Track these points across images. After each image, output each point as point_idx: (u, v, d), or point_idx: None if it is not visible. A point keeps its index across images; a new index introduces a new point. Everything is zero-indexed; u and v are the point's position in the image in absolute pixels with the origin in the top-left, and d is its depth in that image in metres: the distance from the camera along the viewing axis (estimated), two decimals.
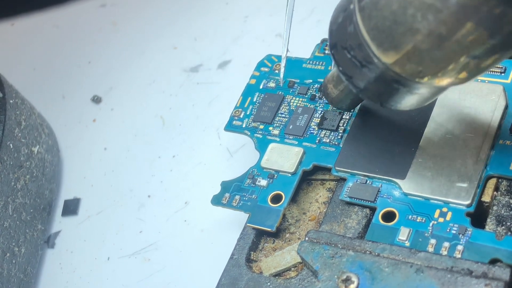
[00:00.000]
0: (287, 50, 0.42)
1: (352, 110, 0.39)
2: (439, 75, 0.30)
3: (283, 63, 0.42)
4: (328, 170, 0.38)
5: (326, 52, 0.42)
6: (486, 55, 0.28)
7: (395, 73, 0.30)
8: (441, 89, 0.32)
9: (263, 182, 0.39)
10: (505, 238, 0.33)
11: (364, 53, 0.31)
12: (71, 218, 0.47)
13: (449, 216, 0.34)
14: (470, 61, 0.29)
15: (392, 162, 0.36)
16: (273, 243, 0.38)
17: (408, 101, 0.32)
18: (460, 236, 0.33)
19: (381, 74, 0.31)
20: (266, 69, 0.43)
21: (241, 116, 0.42)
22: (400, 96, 0.32)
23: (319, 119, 0.40)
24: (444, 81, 0.30)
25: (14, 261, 0.43)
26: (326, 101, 0.39)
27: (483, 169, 0.35)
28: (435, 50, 0.28)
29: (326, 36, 0.34)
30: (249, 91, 0.43)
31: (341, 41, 0.32)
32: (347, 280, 0.33)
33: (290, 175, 0.38)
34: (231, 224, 0.42)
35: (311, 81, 0.42)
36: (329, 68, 0.41)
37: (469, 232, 0.33)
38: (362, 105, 0.39)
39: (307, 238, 0.35)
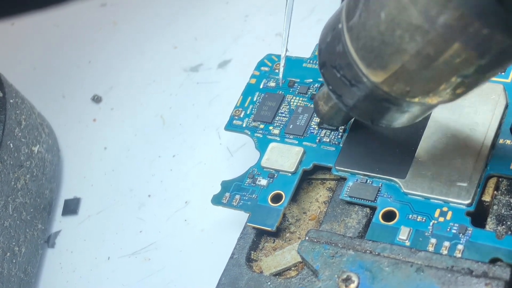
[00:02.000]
0: (286, 50, 0.42)
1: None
2: (430, 94, 0.30)
3: (282, 63, 0.42)
4: (328, 169, 0.38)
5: None
6: (477, 74, 0.28)
7: (384, 92, 0.30)
8: (432, 107, 0.32)
9: (263, 182, 0.39)
10: (505, 237, 0.33)
11: (353, 72, 0.31)
12: (71, 218, 0.47)
13: (449, 215, 0.34)
14: (461, 81, 0.29)
15: (393, 161, 0.36)
16: (273, 242, 0.38)
17: (399, 119, 0.32)
18: (460, 236, 0.33)
19: (371, 93, 0.31)
20: (266, 69, 0.43)
21: (241, 115, 0.42)
22: (390, 114, 0.32)
23: (319, 119, 0.40)
24: (435, 100, 0.30)
25: (14, 261, 0.43)
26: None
27: (483, 168, 0.35)
28: (424, 70, 0.28)
29: None
30: (249, 90, 0.43)
31: (330, 60, 0.32)
32: (348, 280, 0.33)
33: (290, 174, 0.38)
34: (231, 223, 0.42)
35: (311, 80, 0.42)
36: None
37: (470, 232, 0.33)
38: None
39: (307, 238, 0.35)
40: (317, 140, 0.39)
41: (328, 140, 0.39)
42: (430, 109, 0.32)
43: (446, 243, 0.33)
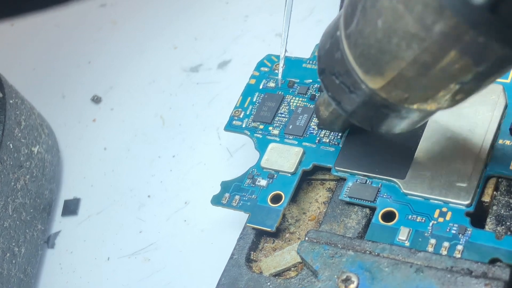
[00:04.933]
0: (285, 51, 0.42)
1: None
2: (428, 101, 0.30)
3: (281, 64, 0.42)
4: (328, 170, 0.38)
5: None
6: (475, 81, 0.28)
7: (382, 99, 0.31)
8: (431, 113, 0.32)
9: (263, 182, 0.39)
10: (505, 237, 0.33)
11: (351, 79, 0.31)
12: (71, 218, 0.47)
13: (449, 216, 0.34)
14: (459, 87, 0.29)
15: (392, 162, 0.36)
16: (273, 243, 0.38)
17: (398, 126, 0.33)
18: (460, 236, 0.33)
19: (369, 99, 0.31)
20: (266, 69, 0.43)
21: (241, 116, 0.42)
22: (389, 120, 0.32)
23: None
24: (435, 106, 0.30)
25: (14, 261, 0.43)
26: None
27: (482, 169, 0.35)
28: (421, 77, 0.29)
29: None
30: (249, 91, 0.43)
31: (329, 67, 0.32)
32: (347, 280, 0.33)
33: (290, 175, 0.38)
34: (231, 224, 0.42)
35: (311, 81, 0.42)
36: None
37: (469, 232, 0.33)
38: None
39: (307, 238, 0.35)
40: (317, 141, 0.39)
41: (327, 141, 0.39)
42: (429, 116, 0.32)
43: (446, 244, 0.33)
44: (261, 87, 0.43)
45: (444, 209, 0.34)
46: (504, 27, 0.25)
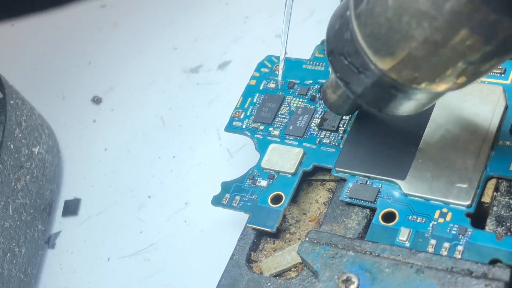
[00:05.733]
0: (285, 52, 0.42)
1: (350, 116, 0.39)
2: (436, 80, 0.30)
3: (281, 65, 0.42)
4: (328, 170, 0.38)
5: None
6: (483, 61, 0.28)
7: (391, 79, 0.30)
8: (439, 95, 0.32)
9: (263, 183, 0.39)
10: (505, 238, 0.33)
11: (360, 59, 0.31)
12: (72, 219, 0.47)
13: (449, 216, 0.34)
14: (467, 67, 0.29)
15: (392, 162, 0.36)
16: (273, 243, 0.38)
17: (406, 107, 0.33)
18: (460, 237, 0.33)
19: (378, 80, 0.31)
20: (266, 70, 0.43)
21: (241, 116, 0.42)
22: (397, 101, 0.32)
23: (319, 120, 0.40)
24: (442, 87, 0.30)
25: (14, 262, 0.43)
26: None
27: (483, 169, 0.35)
28: (431, 56, 0.28)
29: None
30: (249, 91, 0.43)
31: (338, 47, 0.32)
32: (347, 281, 0.33)
33: (290, 175, 0.38)
34: (231, 224, 0.42)
35: (311, 81, 0.42)
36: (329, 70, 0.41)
37: (469, 233, 0.33)
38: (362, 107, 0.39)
39: (307, 239, 0.35)
40: (317, 141, 0.39)
41: (328, 141, 0.39)
42: (437, 97, 0.32)
43: (446, 244, 0.33)
44: (261, 88, 0.43)
45: (445, 210, 0.34)
46: None
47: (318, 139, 0.39)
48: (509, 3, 0.25)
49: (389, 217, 0.35)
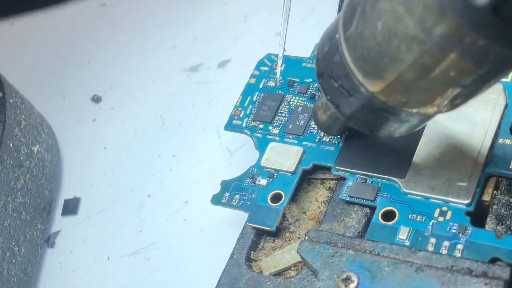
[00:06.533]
0: (284, 50, 0.42)
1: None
2: (428, 105, 0.30)
3: (279, 63, 0.42)
4: (328, 169, 0.38)
5: None
6: (475, 84, 0.28)
7: (381, 102, 0.30)
8: (431, 117, 0.32)
9: (263, 182, 0.39)
10: (505, 237, 0.33)
11: (350, 82, 0.31)
12: (71, 218, 0.47)
13: (449, 215, 0.34)
14: (459, 91, 0.28)
15: (392, 161, 0.36)
16: (273, 242, 0.38)
17: (397, 129, 0.32)
18: (460, 235, 0.33)
19: (368, 103, 0.31)
20: (266, 68, 0.43)
21: (241, 115, 0.42)
22: (389, 124, 0.32)
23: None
24: (434, 110, 0.30)
25: (14, 261, 0.43)
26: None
27: (483, 168, 0.35)
28: (421, 80, 0.28)
29: None
30: (248, 90, 0.43)
31: (328, 70, 0.32)
32: (347, 279, 0.33)
33: (290, 174, 0.38)
34: (231, 223, 0.42)
35: (310, 80, 0.42)
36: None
37: (469, 231, 0.33)
38: None
39: (307, 237, 0.35)
40: (317, 140, 0.39)
41: (327, 140, 0.39)
42: (428, 119, 0.32)
43: (446, 243, 0.33)
44: (261, 86, 0.43)
45: (444, 208, 0.34)
46: (506, 28, 0.25)
47: (318, 137, 0.39)
48: (497, 30, 0.25)
49: (389, 215, 0.35)
